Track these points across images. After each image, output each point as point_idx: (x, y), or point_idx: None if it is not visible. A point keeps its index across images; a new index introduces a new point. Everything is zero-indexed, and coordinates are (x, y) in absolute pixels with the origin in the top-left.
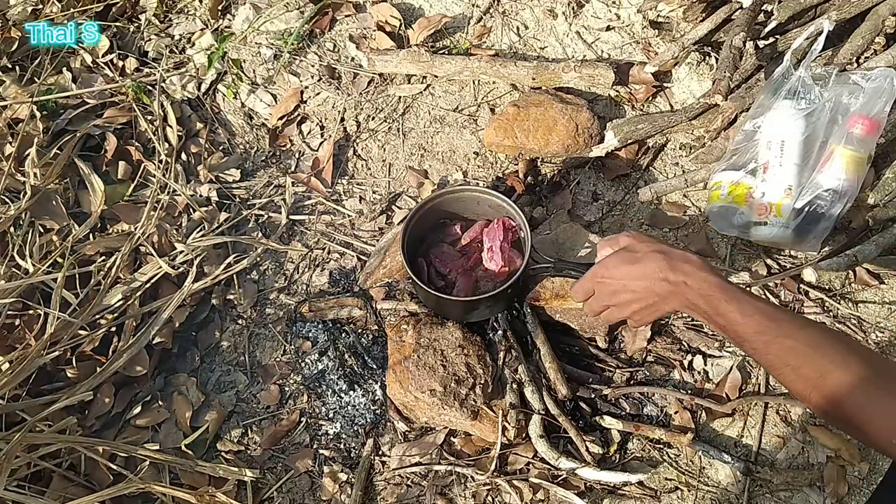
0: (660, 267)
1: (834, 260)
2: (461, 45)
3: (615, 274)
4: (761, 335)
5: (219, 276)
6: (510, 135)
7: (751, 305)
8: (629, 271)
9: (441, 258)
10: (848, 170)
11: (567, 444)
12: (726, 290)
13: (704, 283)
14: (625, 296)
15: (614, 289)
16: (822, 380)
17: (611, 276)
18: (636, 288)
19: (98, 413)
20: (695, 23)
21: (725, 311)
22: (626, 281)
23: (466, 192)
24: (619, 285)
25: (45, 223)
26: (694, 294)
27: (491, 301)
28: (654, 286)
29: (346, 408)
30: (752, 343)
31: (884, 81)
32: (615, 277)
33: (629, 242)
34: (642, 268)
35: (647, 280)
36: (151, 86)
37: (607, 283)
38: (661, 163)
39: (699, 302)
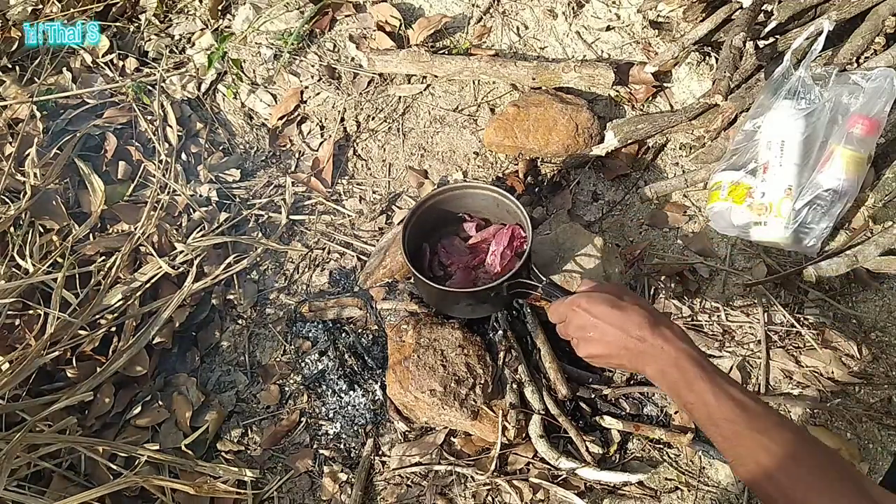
0: (640, 323)
1: (834, 260)
2: (461, 45)
3: (593, 310)
4: (732, 424)
5: (219, 276)
6: (510, 135)
7: (726, 389)
8: (608, 314)
9: (448, 249)
10: (848, 170)
11: (567, 444)
12: (704, 367)
13: (682, 353)
14: (593, 335)
15: (585, 324)
16: (804, 500)
17: (588, 309)
18: (608, 334)
19: (98, 413)
20: (695, 23)
21: (700, 388)
22: (601, 322)
23: (486, 192)
24: (591, 323)
25: (45, 223)
26: (668, 362)
27: (471, 300)
28: (627, 341)
29: (346, 408)
30: (722, 430)
31: (884, 81)
32: (592, 313)
33: (618, 289)
34: (622, 316)
35: (622, 331)
36: (151, 86)
37: (582, 315)
38: (661, 163)
39: (671, 371)
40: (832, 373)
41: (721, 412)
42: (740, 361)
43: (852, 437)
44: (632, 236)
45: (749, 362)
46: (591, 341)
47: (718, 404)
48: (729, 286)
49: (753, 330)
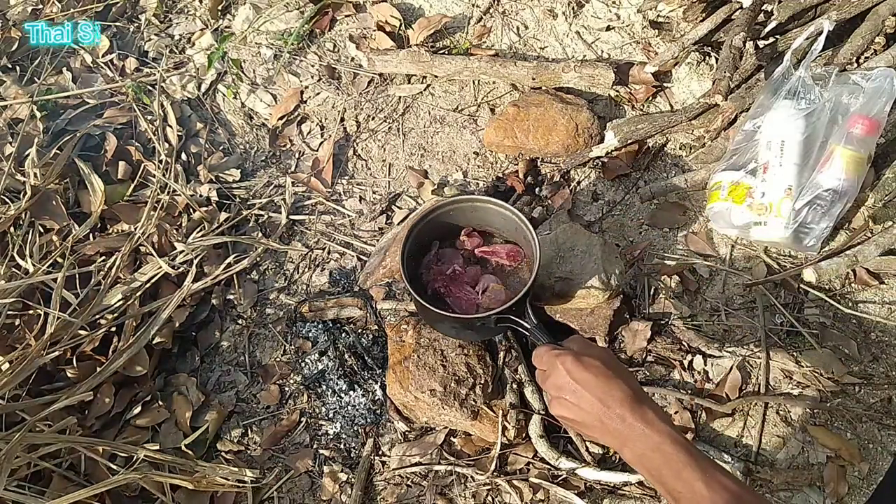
0: (622, 399)
1: (834, 260)
2: (461, 45)
3: (577, 374)
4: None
5: (219, 276)
6: (510, 135)
7: (719, 479)
8: (591, 382)
9: (446, 259)
10: (848, 170)
11: (567, 444)
12: (692, 454)
13: (666, 437)
14: (570, 399)
15: (564, 385)
16: None
17: (571, 371)
18: (585, 402)
19: (98, 413)
20: (695, 23)
21: (689, 477)
22: (581, 388)
23: (505, 212)
24: (571, 387)
25: (45, 223)
26: (649, 446)
27: (456, 324)
28: (605, 415)
29: (346, 408)
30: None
31: (884, 81)
32: (574, 377)
33: (608, 357)
34: (606, 389)
35: (602, 405)
36: (151, 86)
37: (563, 375)
38: (661, 163)
39: (653, 457)
40: (832, 373)
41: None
42: (740, 361)
43: (852, 437)
44: (632, 236)
45: (749, 362)
46: (567, 404)
47: (711, 495)
48: (729, 286)
49: (753, 330)
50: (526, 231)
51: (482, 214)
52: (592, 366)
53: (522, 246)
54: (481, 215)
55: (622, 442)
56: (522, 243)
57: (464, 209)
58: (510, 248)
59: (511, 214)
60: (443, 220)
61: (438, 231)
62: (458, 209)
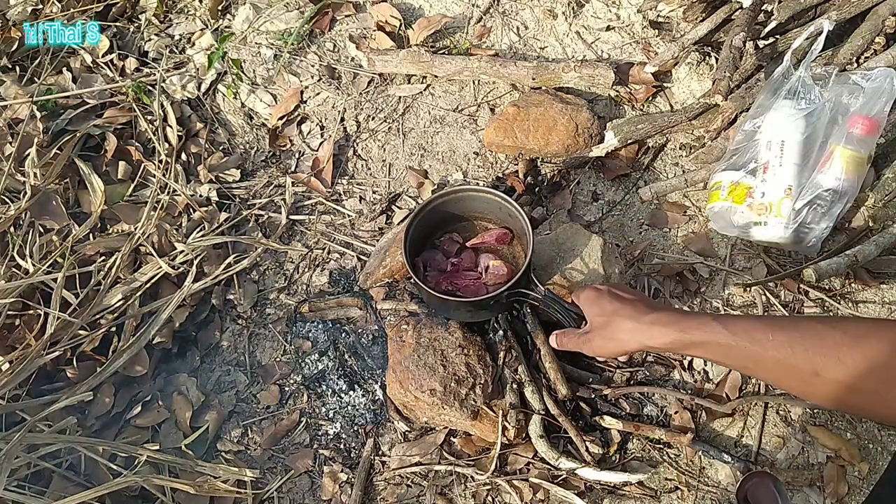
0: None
1: (834, 260)
2: (461, 45)
3: (621, 293)
4: (765, 331)
5: (219, 276)
6: (510, 135)
7: (768, 321)
8: (634, 296)
9: (438, 262)
10: (848, 170)
11: (567, 444)
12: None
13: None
14: (624, 314)
15: (612, 309)
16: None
17: (613, 296)
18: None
19: (98, 413)
20: (695, 23)
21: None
22: (630, 298)
23: (488, 196)
24: (618, 303)
25: (45, 223)
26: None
27: (471, 307)
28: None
29: (346, 408)
30: (787, 350)
31: (884, 81)
32: (617, 294)
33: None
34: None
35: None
36: (151, 86)
37: (606, 300)
38: (661, 163)
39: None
40: None
41: (779, 337)
42: None
43: (852, 436)
44: (632, 236)
45: None
46: (621, 325)
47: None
48: (729, 286)
49: None
50: (510, 208)
51: (470, 203)
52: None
53: (513, 227)
54: (469, 204)
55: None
56: (510, 223)
57: (451, 200)
58: (498, 232)
59: (493, 197)
60: (438, 211)
61: (435, 224)
62: (447, 201)
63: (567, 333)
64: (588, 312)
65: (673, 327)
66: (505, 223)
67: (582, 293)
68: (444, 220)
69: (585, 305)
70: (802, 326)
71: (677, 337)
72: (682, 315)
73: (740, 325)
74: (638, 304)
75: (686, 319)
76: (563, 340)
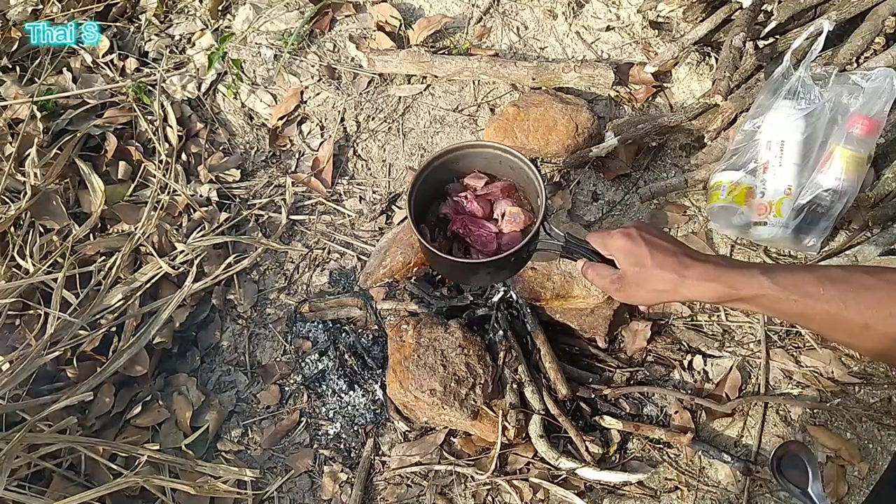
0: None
1: (834, 260)
2: (461, 46)
3: (650, 234)
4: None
5: (219, 276)
6: (510, 135)
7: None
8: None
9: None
10: (848, 170)
11: (567, 444)
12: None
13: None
14: (654, 257)
15: (644, 252)
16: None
17: (644, 237)
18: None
19: (98, 413)
20: (695, 23)
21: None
22: (661, 242)
23: (487, 150)
24: (650, 246)
25: (45, 223)
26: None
27: (491, 268)
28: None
29: (346, 408)
30: (838, 301)
31: (883, 81)
32: (648, 235)
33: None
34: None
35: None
36: (151, 86)
37: (639, 242)
38: (661, 163)
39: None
40: (832, 373)
41: (828, 289)
42: (740, 361)
43: (852, 437)
44: None
45: (749, 362)
46: (652, 272)
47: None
48: None
49: (753, 330)
50: (512, 159)
51: (472, 160)
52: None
53: (516, 179)
54: (471, 161)
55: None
56: (513, 176)
57: (452, 159)
58: (503, 184)
59: (493, 150)
60: (442, 171)
61: (441, 186)
62: (448, 160)
63: (598, 270)
64: (622, 262)
65: (720, 281)
66: (508, 178)
67: (612, 241)
68: (448, 181)
69: (619, 255)
70: (854, 279)
71: (724, 291)
72: (728, 268)
73: (791, 279)
74: (679, 255)
75: (733, 273)
76: (593, 275)
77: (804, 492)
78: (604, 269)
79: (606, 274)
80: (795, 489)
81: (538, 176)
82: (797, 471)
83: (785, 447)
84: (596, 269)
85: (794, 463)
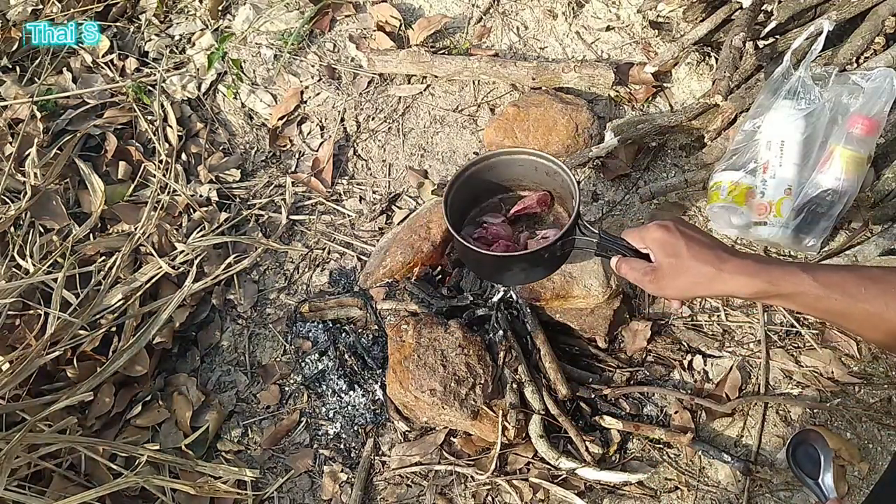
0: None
1: (834, 260)
2: (461, 46)
3: (685, 229)
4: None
5: (219, 276)
6: (510, 135)
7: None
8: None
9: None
10: (848, 170)
11: (567, 444)
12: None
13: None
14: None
15: (682, 247)
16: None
17: (680, 230)
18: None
19: (98, 413)
20: (695, 23)
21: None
22: (697, 236)
23: (522, 157)
24: (685, 240)
25: (45, 223)
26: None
27: (525, 263)
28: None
29: (346, 408)
30: (863, 291)
31: (883, 81)
32: (683, 229)
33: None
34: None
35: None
36: (151, 86)
37: (675, 235)
38: (661, 163)
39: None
40: (832, 373)
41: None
42: (740, 361)
43: (852, 437)
44: None
45: (749, 362)
46: (689, 264)
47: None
48: None
49: (753, 330)
50: (547, 165)
51: (505, 169)
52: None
53: (552, 187)
54: (505, 170)
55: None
56: (548, 183)
57: (485, 168)
58: (539, 195)
59: (528, 157)
60: (475, 181)
61: (475, 196)
62: (480, 169)
63: (632, 264)
64: (658, 254)
65: (759, 277)
66: (543, 185)
67: (648, 234)
68: (483, 191)
69: (655, 247)
70: (895, 280)
71: (763, 287)
72: (768, 264)
73: (832, 278)
74: (717, 250)
75: (773, 269)
76: (626, 270)
77: (816, 482)
78: (637, 262)
79: (640, 267)
80: (807, 479)
81: (573, 179)
82: (810, 460)
83: (803, 435)
84: (630, 262)
85: (808, 452)
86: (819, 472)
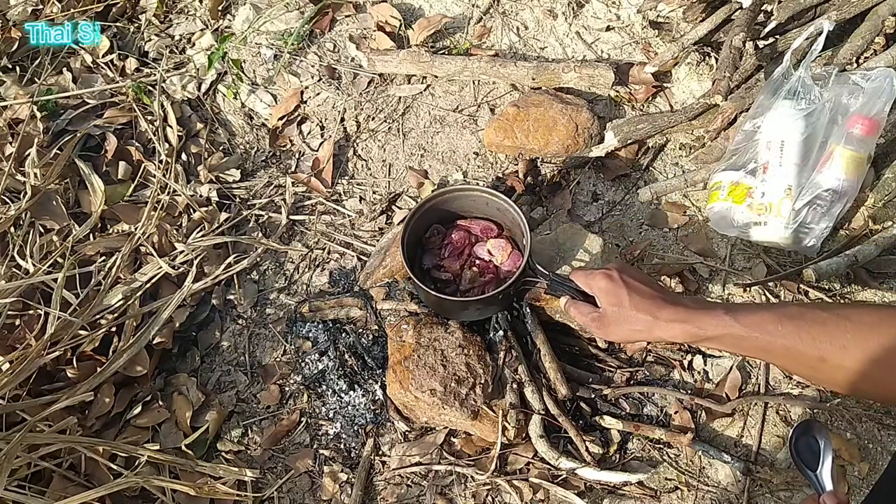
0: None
1: (834, 260)
2: (461, 46)
3: (630, 275)
4: (814, 323)
5: (219, 276)
6: (510, 135)
7: (779, 308)
8: (641, 280)
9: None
10: (848, 170)
11: (567, 444)
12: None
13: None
14: (634, 296)
15: (622, 293)
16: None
17: (623, 278)
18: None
19: (98, 413)
20: (695, 23)
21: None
22: (639, 284)
23: (475, 193)
24: (627, 286)
25: (45, 223)
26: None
27: (480, 304)
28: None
29: (346, 408)
30: (808, 339)
31: (883, 81)
32: (627, 276)
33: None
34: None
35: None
36: (151, 86)
37: (618, 283)
38: (661, 163)
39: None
40: None
41: (795, 324)
42: (740, 361)
43: (852, 437)
44: (632, 236)
45: (749, 362)
46: (633, 305)
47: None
48: (729, 286)
49: None
50: (497, 201)
51: (462, 202)
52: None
53: (502, 221)
54: (461, 203)
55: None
56: (500, 217)
57: (442, 201)
58: (483, 224)
59: (480, 194)
60: (434, 212)
61: (433, 222)
62: (438, 202)
63: (580, 308)
64: (602, 301)
65: (690, 323)
66: (494, 218)
67: (594, 281)
68: (440, 220)
69: (600, 295)
70: (809, 315)
71: (693, 332)
72: (697, 310)
73: (751, 318)
74: (655, 298)
75: (701, 315)
76: (575, 312)
77: (815, 474)
78: (585, 307)
79: (587, 311)
80: (807, 470)
81: (522, 217)
82: (811, 451)
83: (805, 426)
84: (578, 306)
85: (809, 443)
86: (817, 464)
